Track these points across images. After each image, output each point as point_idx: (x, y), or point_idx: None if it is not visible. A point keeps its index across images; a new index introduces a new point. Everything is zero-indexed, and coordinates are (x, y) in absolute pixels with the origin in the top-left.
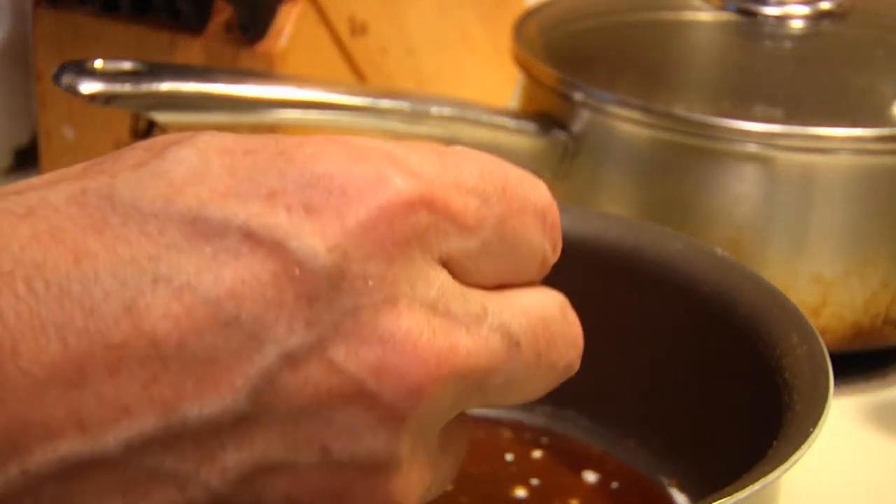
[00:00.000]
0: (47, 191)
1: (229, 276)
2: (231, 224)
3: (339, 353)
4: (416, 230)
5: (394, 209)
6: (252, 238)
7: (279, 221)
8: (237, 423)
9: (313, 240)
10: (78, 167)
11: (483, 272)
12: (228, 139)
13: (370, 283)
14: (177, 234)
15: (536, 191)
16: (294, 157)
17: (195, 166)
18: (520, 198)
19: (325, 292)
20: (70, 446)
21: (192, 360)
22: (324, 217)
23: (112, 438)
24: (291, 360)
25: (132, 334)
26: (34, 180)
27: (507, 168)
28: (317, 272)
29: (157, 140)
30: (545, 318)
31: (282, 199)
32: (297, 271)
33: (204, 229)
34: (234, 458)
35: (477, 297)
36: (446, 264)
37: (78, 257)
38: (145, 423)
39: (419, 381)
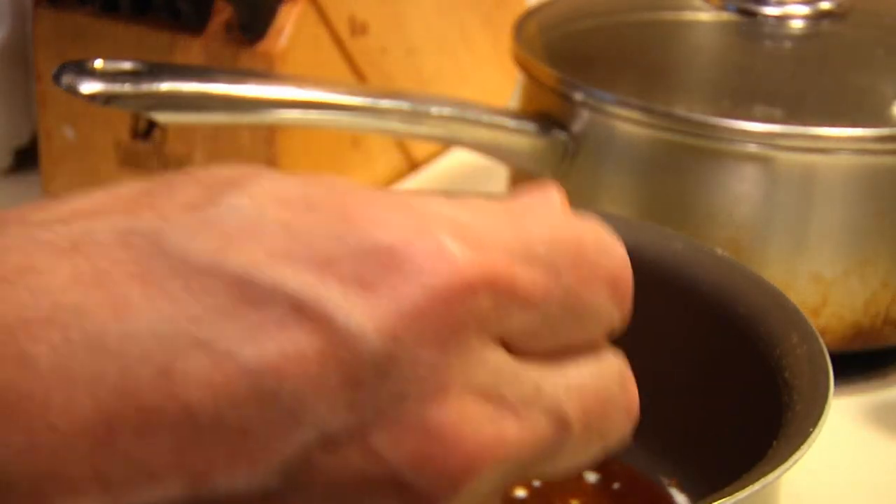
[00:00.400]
0: (94, 223)
1: (273, 348)
2: (280, 291)
3: (380, 441)
4: (475, 314)
5: (453, 292)
6: (301, 310)
7: (331, 294)
8: (267, 499)
9: (364, 319)
10: (128, 192)
11: (543, 343)
12: (290, 186)
13: (420, 371)
14: (223, 295)
15: (611, 257)
16: (356, 220)
17: (250, 217)
18: (592, 265)
19: (371, 377)
20: None
21: (227, 431)
22: (378, 294)
23: (135, 500)
24: (330, 442)
25: (166, 399)
26: (80, 203)
27: (581, 231)
28: (365, 355)
29: (214, 175)
30: (601, 390)
31: (337, 269)
32: (344, 352)
33: (252, 294)
34: None
35: (531, 375)
36: (503, 341)
37: (118, 308)
38: (171, 489)
39: (459, 472)
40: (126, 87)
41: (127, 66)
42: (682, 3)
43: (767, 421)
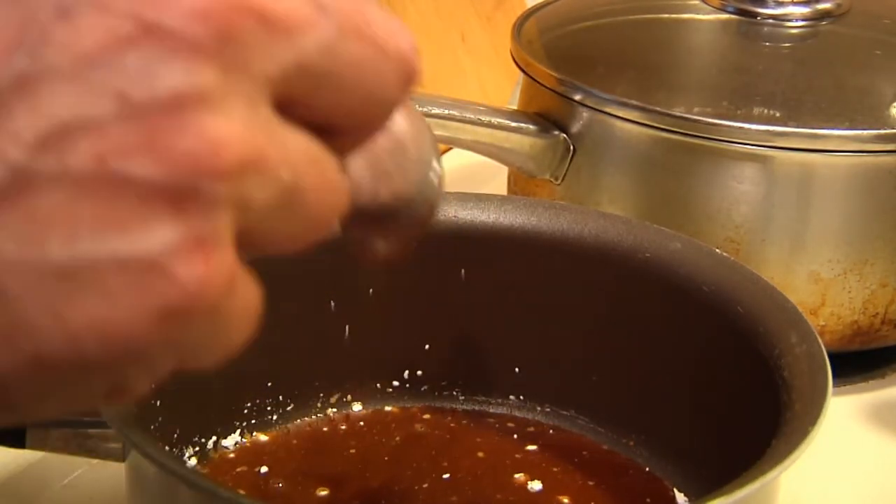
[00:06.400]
0: None
1: None
2: None
3: None
4: None
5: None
6: None
7: None
8: (22, 86)
9: None
10: None
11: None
12: None
13: None
14: None
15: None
16: None
17: None
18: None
19: None
20: None
21: None
22: None
23: None
24: (65, 11)
25: None
26: None
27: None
28: None
29: None
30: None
31: None
32: None
33: None
34: (26, 123)
35: None
36: None
37: None
38: None
39: (203, 3)
40: None
41: None
42: (681, 3)
43: (766, 420)
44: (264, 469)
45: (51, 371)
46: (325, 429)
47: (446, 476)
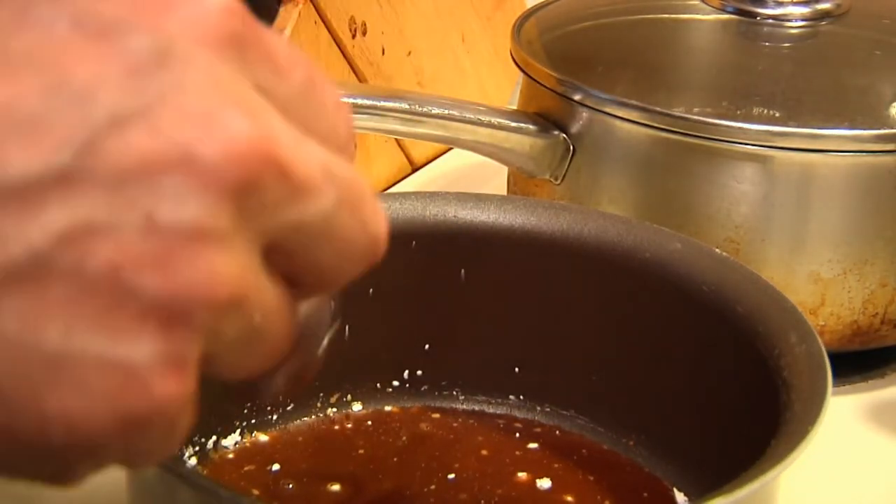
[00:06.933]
0: None
1: (56, 48)
2: (58, 16)
3: (166, 120)
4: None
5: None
6: (80, 28)
7: (103, 10)
8: (61, 181)
9: (141, 24)
10: None
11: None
12: None
13: (197, 63)
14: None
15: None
16: None
17: None
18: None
19: (151, 67)
20: None
21: (16, 121)
22: (148, 9)
23: None
24: (117, 122)
25: None
26: None
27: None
28: (142, 51)
29: None
30: (356, 178)
31: None
32: (122, 49)
33: (30, 17)
34: (57, 216)
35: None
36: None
37: None
38: None
39: (240, 149)
40: None
41: None
42: (681, 3)
43: (766, 420)
44: (276, 466)
45: (12, 444)
46: (335, 427)
47: (451, 476)
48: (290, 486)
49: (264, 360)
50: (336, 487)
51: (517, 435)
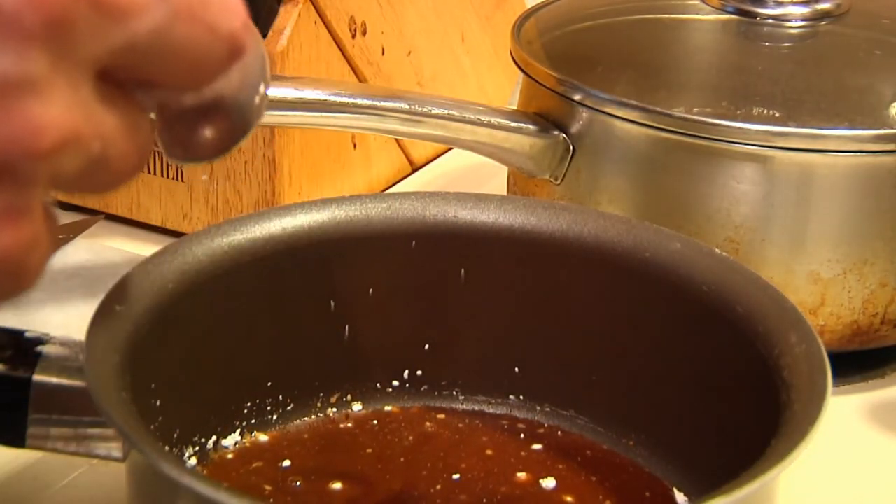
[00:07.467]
0: None
1: None
2: None
3: None
4: None
5: None
6: None
7: None
8: None
9: None
10: None
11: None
12: None
13: None
14: None
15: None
16: None
17: None
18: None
19: None
20: None
21: None
22: None
23: None
24: None
25: None
26: None
27: None
28: None
29: None
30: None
31: None
32: None
33: None
34: None
35: None
36: None
37: None
38: None
39: None
40: None
41: None
42: (681, 3)
43: (766, 420)
44: (287, 462)
45: None
46: (339, 426)
47: (456, 476)
48: (298, 483)
49: (118, 180)
50: (344, 486)
51: (521, 436)
